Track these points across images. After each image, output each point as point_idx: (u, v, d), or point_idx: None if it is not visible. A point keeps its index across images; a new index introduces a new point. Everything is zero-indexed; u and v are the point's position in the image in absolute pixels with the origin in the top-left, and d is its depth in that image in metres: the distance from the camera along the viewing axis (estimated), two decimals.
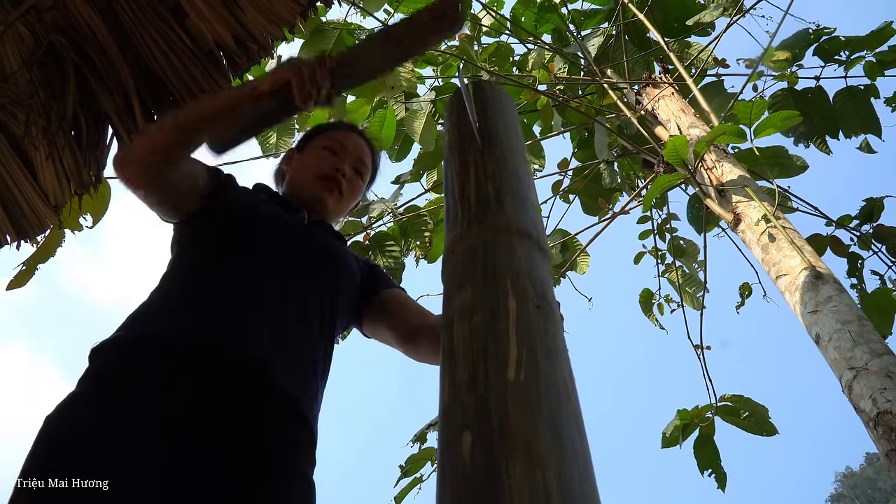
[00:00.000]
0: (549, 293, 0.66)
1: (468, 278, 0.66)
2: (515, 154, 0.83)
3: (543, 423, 0.51)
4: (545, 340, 0.59)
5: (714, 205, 2.89)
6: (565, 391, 0.56)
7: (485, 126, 0.84)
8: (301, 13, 1.76)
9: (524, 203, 0.75)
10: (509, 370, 0.55)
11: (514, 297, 0.62)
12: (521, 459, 0.48)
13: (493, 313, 0.60)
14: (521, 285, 0.63)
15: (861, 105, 3.64)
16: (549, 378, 0.55)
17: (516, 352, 0.56)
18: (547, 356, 0.57)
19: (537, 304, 0.62)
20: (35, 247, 2.03)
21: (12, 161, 1.89)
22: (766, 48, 3.47)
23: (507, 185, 0.76)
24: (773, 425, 3.35)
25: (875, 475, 48.81)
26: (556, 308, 0.66)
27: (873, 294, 3.33)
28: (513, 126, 0.88)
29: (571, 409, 0.55)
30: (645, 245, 4.51)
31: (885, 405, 1.86)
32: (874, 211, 3.49)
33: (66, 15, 1.71)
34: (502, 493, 0.46)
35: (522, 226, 0.71)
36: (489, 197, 0.74)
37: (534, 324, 0.60)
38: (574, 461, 0.50)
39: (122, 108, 1.75)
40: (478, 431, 0.51)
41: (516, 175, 0.78)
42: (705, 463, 3.47)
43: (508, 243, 0.68)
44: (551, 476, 0.48)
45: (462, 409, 0.54)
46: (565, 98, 4.17)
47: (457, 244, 0.71)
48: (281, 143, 4.10)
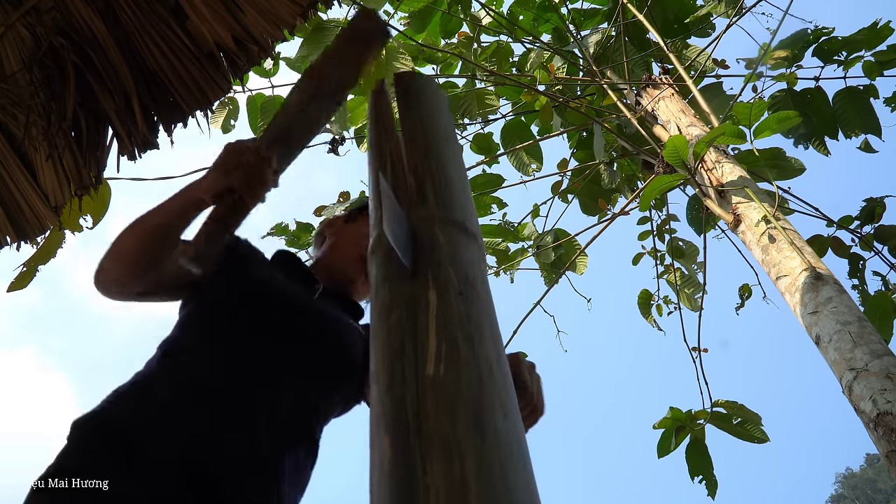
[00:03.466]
0: (475, 275, 0.65)
1: (388, 277, 0.65)
2: (440, 141, 0.80)
3: (463, 412, 0.51)
4: (467, 328, 0.59)
5: (714, 206, 2.89)
6: (488, 373, 0.56)
7: (405, 117, 0.82)
8: (301, 14, 1.76)
9: (449, 190, 0.74)
10: (428, 365, 0.55)
11: (434, 289, 0.61)
12: (438, 454, 0.48)
13: (410, 310, 0.60)
14: (443, 275, 0.63)
15: (860, 105, 3.64)
16: (469, 365, 0.55)
17: (435, 345, 0.56)
18: (468, 343, 0.57)
19: (459, 290, 0.62)
20: (35, 248, 2.03)
21: (12, 162, 1.89)
22: (765, 47, 3.47)
23: (429, 175, 0.75)
24: (765, 433, 3.35)
25: (875, 476, 48.82)
26: (482, 288, 0.65)
27: (873, 297, 3.34)
28: (438, 114, 0.85)
29: (496, 391, 0.55)
30: (644, 246, 4.51)
31: (885, 406, 1.86)
32: (875, 211, 3.49)
33: (67, 16, 1.71)
34: (417, 492, 0.47)
35: (446, 214, 0.71)
36: (409, 190, 0.73)
37: (455, 312, 0.60)
38: (496, 446, 0.50)
39: (122, 109, 1.75)
40: (395, 433, 0.52)
41: (439, 163, 0.77)
42: (697, 469, 3.47)
43: (430, 234, 0.68)
44: (470, 465, 0.48)
45: (382, 414, 0.54)
46: (565, 98, 4.17)
47: (377, 245, 0.70)
48: None
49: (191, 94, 1.77)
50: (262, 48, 1.79)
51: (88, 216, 2.11)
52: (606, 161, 4.32)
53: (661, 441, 3.51)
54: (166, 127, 1.81)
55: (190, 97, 1.78)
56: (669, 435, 3.48)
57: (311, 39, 3.47)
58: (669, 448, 3.47)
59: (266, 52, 1.80)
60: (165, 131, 1.82)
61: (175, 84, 1.76)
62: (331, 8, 1.86)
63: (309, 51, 3.44)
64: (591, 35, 4.31)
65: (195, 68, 1.75)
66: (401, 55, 3.47)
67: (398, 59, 3.45)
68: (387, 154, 0.78)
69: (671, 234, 4.43)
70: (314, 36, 3.47)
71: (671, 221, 4.43)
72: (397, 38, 4.15)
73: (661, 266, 4.45)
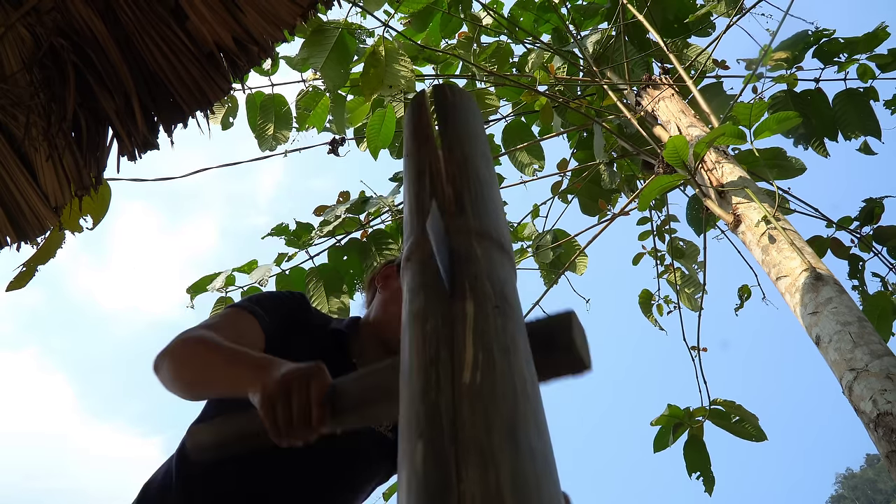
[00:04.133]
0: (509, 292, 0.66)
1: (424, 286, 0.66)
2: (477, 156, 0.81)
3: (499, 423, 0.51)
4: (503, 340, 0.59)
5: (714, 206, 2.89)
6: (523, 390, 0.56)
7: (444, 129, 0.83)
8: (301, 14, 1.76)
9: (485, 204, 0.75)
10: (465, 373, 0.55)
11: (471, 300, 0.62)
12: (474, 462, 0.48)
13: (447, 319, 0.61)
14: (480, 287, 0.64)
15: (860, 107, 3.64)
16: (506, 377, 0.56)
17: (472, 354, 0.57)
18: (504, 355, 0.57)
19: (496, 304, 0.62)
20: (35, 248, 2.03)
21: (12, 162, 1.89)
22: (765, 48, 3.47)
23: (466, 187, 0.75)
24: (762, 431, 3.36)
25: (875, 476, 48.80)
26: (517, 306, 0.66)
27: (872, 298, 3.34)
28: (474, 128, 0.86)
29: (530, 407, 0.55)
30: (644, 246, 4.51)
31: (885, 406, 1.86)
32: (874, 212, 3.49)
33: (67, 17, 1.71)
34: (452, 498, 0.47)
35: (482, 228, 0.71)
36: (448, 200, 0.74)
37: (492, 324, 0.60)
38: (530, 459, 0.50)
39: (122, 109, 1.74)
40: (429, 439, 0.52)
41: (477, 177, 0.78)
42: (694, 466, 3.48)
43: (468, 246, 0.68)
44: (505, 475, 0.48)
45: (416, 419, 0.54)
46: (565, 99, 4.17)
47: (413, 252, 0.71)
48: (279, 134, 4.10)
49: (191, 95, 1.77)
50: (262, 49, 1.79)
51: (88, 216, 2.11)
52: (606, 161, 4.32)
53: (657, 436, 3.52)
54: (166, 127, 1.81)
55: (190, 97, 1.78)
56: (667, 431, 3.49)
57: (312, 41, 3.47)
58: (666, 443, 3.48)
59: (266, 52, 1.80)
60: (165, 132, 1.82)
61: (175, 84, 1.75)
62: (331, 8, 1.86)
63: (309, 53, 3.44)
64: (591, 35, 4.31)
65: (195, 69, 1.75)
66: (401, 56, 3.47)
67: (398, 59, 3.45)
68: (426, 164, 0.78)
69: (671, 235, 4.43)
70: (314, 37, 3.47)
71: (671, 222, 4.44)
72: (397, 38, 4.16)
73: (661, 266, 4.45)
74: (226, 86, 1.79)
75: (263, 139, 4.09)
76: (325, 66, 3.42)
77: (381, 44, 3.46)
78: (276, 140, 4.09)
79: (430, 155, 0.80)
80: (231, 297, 3.76)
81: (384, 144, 3.85)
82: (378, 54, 3.42)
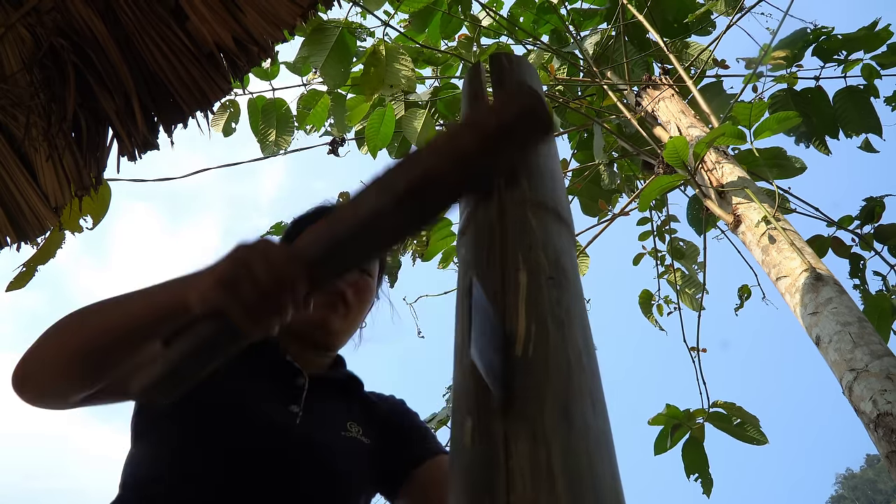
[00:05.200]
0: (566, 262, 0.64)
1: (477, 257, 0.64)
2: None
3: (552, 398, 0.50)
4: (557, 312, 0.57)
5: (714, 206, 2.89)
6: (578, 362, 0.54)
7: (499, 96, 0.78)
8: (301, 15, 1.76)
9: (541, 174, 0.72)
10: (517, 346, 0.53)
11: (525, 271, 0.60)
12: (525, 437, 0.47)
13: (499, 290, 0.58)
14: (534, 257, 0.62)
15: (861, 105, 3.64)
16: (559, 350, 0.54)
17: (524, 327, 0.55)
18: (559, 328, 0.56)
19: (550, 275, 0.60)
20: (35, 248, 2.03)
21: (13, 163, 1.89)
22: (765, 48, 3.47)
23: (521, 158, 0.72)
24: (763, 434, 3.36)
25: (875, 477, 48.79)
26: (573, 278, 0.63)
27: (873, 298, 3.34)
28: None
29: (585, 381, 0.53)
30: (644, 246, 4.51)
31: (885, 407, 1.86)
32: (875, 211, 3.49)
33: (67, 17, 1.71)
34: (500, 475, 0.45)
35: (538, 197, 0.69)
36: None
37: (545, 296, 0.58)
38: (584, 436, 0.48)
39: (122, 109, 1.75)
40: (478, 415, 0.50)
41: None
42: (693, 467, 3.47)
43: (522, 216, 0.66)
44: (556, 452, 0.46)
45: (466, 394, 0.53)
46: (565, 99, 4.18)
47: (468, 224, 0.69)
48: (280, 140, 4.10)
49: (191, 95, 1.78)
50: (262, 48, 1.79)
51: (88, 217, 2.12)
52: (606, 162, 4.32)
53: (657, 439, 3.51)
54: (166, 127, 1.81)
55: (190, 98, 1.78)
56: (666, 432, 3.48)
57: (312, 40, 3.47)
58: (666, 446, 3.47)
59: (266, 52, 1.80)
60: (165, 132, 1.82)
61: (175, 84, 1.76)
62: (331, 8, 1.86)
63: (309, 52, 3.44)
64: (591, 36, 4.31)
65: (195, 69, 1.75)
66: (401, 55, 3.47)
67: (398, 59, 3.45)
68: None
69: (671, 235, 4.43)
70: (314, 37, 3.47)
71: (671, 222, 4.44)
72: (397, 39, 4.15)
73: (661, 266, 4.45)
74: (226, 86, 1.79)
75: (266, 144, 4.09)
76: (325, 66, 3.42)
77: (382, 43, 3.46)
78: (277, 146, 4.09)
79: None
80: None
81: (383, 144, 3.85)
82: (378, 53, 3.42)
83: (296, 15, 1.76)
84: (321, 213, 1.30)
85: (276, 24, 1.75)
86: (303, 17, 1.77)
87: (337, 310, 1.20)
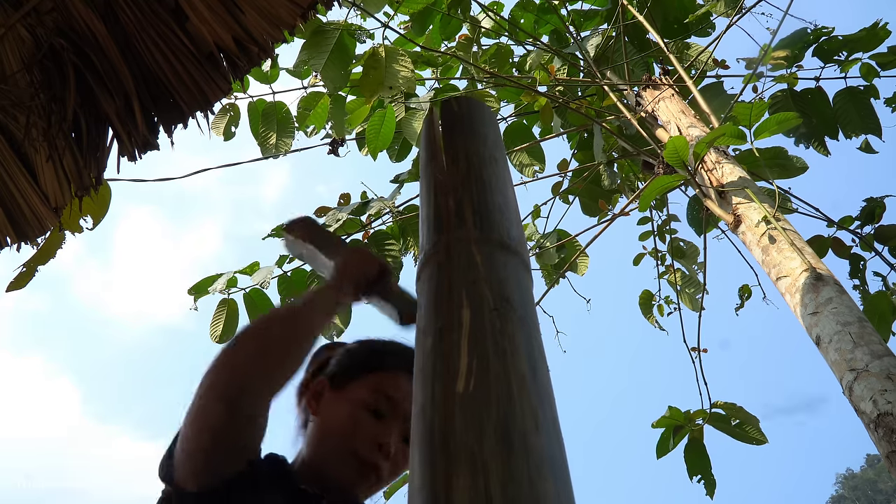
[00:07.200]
0: (511, 291, 0.67)
1: (427, 301, 0.68)
2: (484, 162, 0.84)
3: (491, 427, 0.52)
4: (500, 341, 0.60)
5: (714, 206, 2.89)
6: (521, 388, 0.56)
7: (450, 142, 0.86)
8: (301, 15, 1.76)
9: (488, 209, 0.77)
10: (458, 383, 0.56)
11: (468, 307, 0.63)
12: (464, 470, 0.49)
13: (443, 331, 0.62)
14: (477, 291, 0.65)
15: (861, 105, 3.64)
16: (500, 380, 0.56)
17: (466, 363, 0.57)
18: (500, 357, 0.58)
19: (494, 306, 0.63)
20: (35, 249, 2.03)
21: (12, 163, 1.89)
22: (765, 48, 3.47)
23: (468, 196, 0.77)
24: (763, 434, 3.36)
25: (876, 477, 48.75)
26: (519, 304, 0.65)
27: (873, 298, 3.34)
28: (482, 134, 0.89)
29: (528, 404, 0.55)
30: (645, 246, 4.51)
31: (885, 407, 1.86)
32: (875, 211, 3.49)
33: (67, 17, 1.71)
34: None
35: (483, 233, 0.73)
36: (450, 213, 0.76)
37: (488, 328, 0.61)
38: (524, 460, 0.50)
39: (122, 110, 1.75)
40: (424, 453, 0.53)
41: (481, 183, 0.80)
42: (695, 468, 3.47)
43: (467, 253, 0.70)
44: (495, 479, 0.48)
45: (416, 437, 0.56)
46: (565, 100, 4.18)
47: (422, 270, 0.73)
48: (280, 143, 4.10)
49: (191, 95, 1.78)
50: (262, 49, 1.79)
51: (89, 217, 2.12)
52: (606, 162, 4.32)
53: (659, 441, 3.51)
54: (166, 128, 1.82)
55: (190, 98, 1.78)
56: (668, 435, 3.48)
57: (312, 43, 3.47)
58: (668, 448, 3.47)
59: (266, 53, 1.80)
60: (166, 132, 1.82)
61: (175, 85, 1.76)
62: (331, 9, 1.86)
63: (309, 56, 3.44)
64: (591, 37, 4.32)
65: (195, 69, 1.75)
66: (401, 56, 3.47)
67: (398, 60, 3.45)
68: (431, 179, 0.82)
69: (672, 235, 4.43)
70: (314, 39, 3.47)
71: (672, 222, 4.44)
72: (397, 42, 4.15)
73: (661, 266, 4.45)
74: (226, 86, 1.79)
75: (266, 148, 4.09)
76: (325, 68, 3.42)
77: (382, 45, 3.46)
78: (278, 149, 4.09)
79: (438, 169, 0.83)
80: (233, 300, 3.76)
81: (384, 145, 3.85)
82: (378, 55, 3.42)
83: (296, 15, 1.76)
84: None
85: (275, 24, 1.75)
86: (303, 17, 1.77)
87: (368, 480, 1.19)
